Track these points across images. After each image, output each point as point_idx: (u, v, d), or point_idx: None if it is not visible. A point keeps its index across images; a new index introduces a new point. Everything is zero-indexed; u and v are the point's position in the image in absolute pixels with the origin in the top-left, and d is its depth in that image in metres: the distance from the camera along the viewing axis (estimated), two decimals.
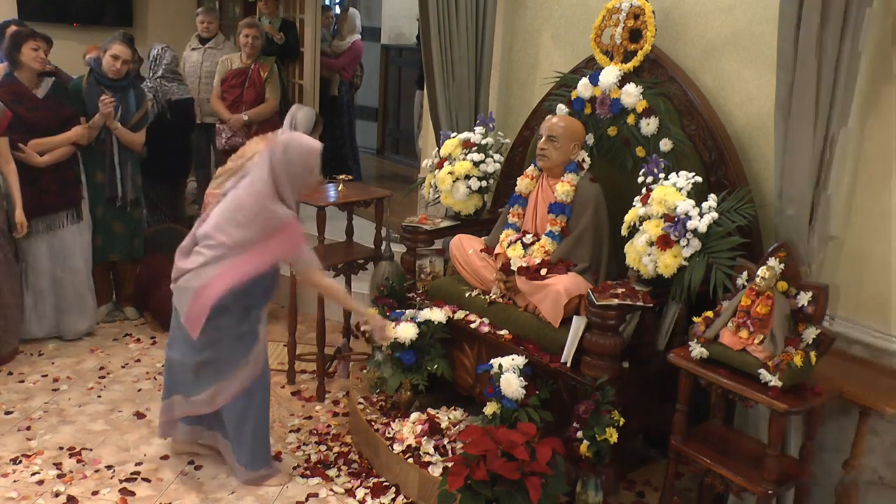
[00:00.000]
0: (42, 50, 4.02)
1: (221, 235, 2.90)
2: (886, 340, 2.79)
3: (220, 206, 2.98)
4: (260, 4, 5.83)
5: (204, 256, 2.90)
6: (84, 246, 4.32)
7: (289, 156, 2.90)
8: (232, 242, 2.88)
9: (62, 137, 4.11)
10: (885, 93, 2.74)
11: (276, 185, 2.89)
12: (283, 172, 2.89)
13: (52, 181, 4.05)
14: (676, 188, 2.89)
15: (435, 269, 4.22)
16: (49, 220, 4.13)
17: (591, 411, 2.75)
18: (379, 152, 8.79)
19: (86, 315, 4.37)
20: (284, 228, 2.90)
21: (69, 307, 4.29)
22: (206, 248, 2.91)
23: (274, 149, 2.92)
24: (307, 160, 2.95)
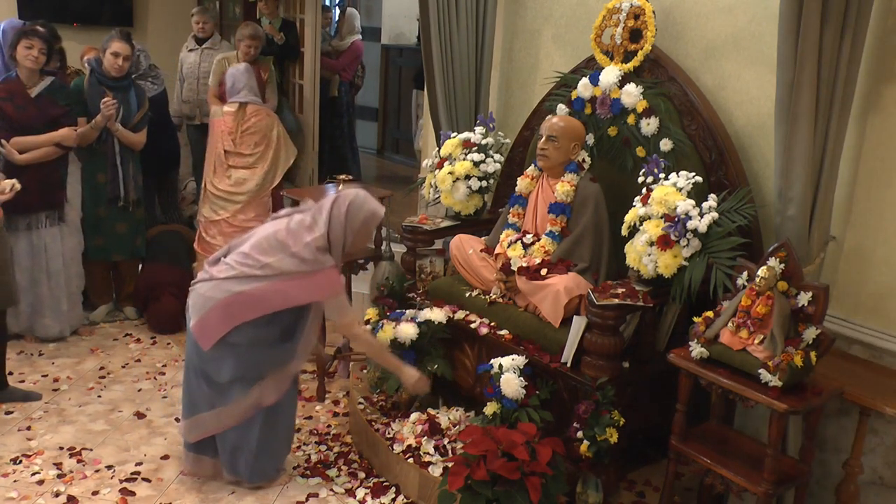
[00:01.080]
0: (35, 49, 3.99)
1: (259, 255, 2.88)
2: (886, 340, 2.79)
3: (267, 229, 2.95)
4: (260, 4, 5.82)
5: (233, 270, 2.89)
6: (67, 249, 4.26)
7: (351, 214, 2.89)
8: (266, 266, 2.86)
9: (45, 137, 4.04)
10: (885, 93, 2.74)
11: (330, 236, 2.87)
12: (339, 228, 2.88)
13: (33, 180, 3.99)
14: (676, 188, 2.89)
15: (435, 269, 4.22)
16: (28, 219, 4.10)
17: (591, 411, 2.75)
18: (379, 152, 8.80)
19: (58, 319, 4.31)
20: (324, 273, 2.87)
21: (43, 309, 4.24)
22: (238, 263, 2.90)
23: (339, 202, 2.89)
24: (367, 224, 2.95)
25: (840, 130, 2.63)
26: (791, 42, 2.54)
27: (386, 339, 3.30)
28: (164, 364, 4.17)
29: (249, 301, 2.86)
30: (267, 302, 2.87)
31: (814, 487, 2.96)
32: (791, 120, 2.59)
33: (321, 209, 2.91)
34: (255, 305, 2.87)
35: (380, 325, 3.39)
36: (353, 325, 2.99)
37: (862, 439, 2.65)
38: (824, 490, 2.96)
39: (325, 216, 2.87)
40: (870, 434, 2.79)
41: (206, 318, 2.90)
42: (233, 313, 2.88)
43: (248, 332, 2.91)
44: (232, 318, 2.88)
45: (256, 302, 2.86)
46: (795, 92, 2.56)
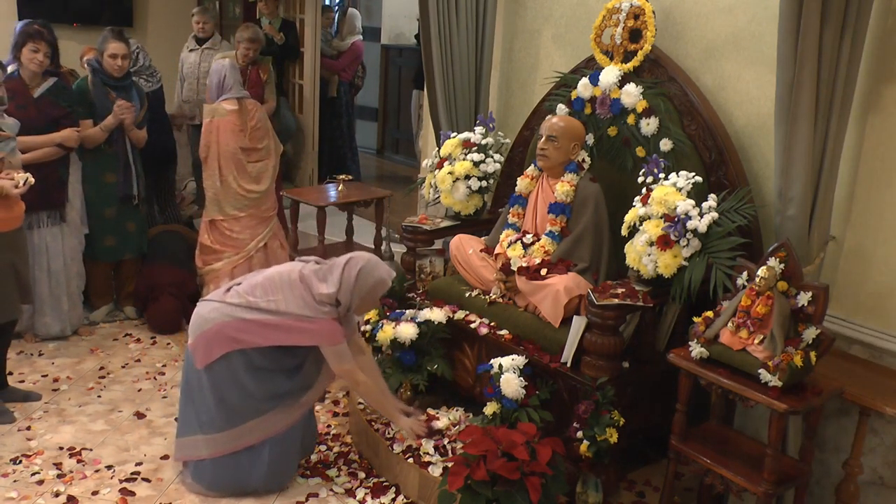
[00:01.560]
0: (41, 52, 4.00)
1: (268, 290, 2.94)
2: (886, 340, 2.79)
3: (283, 269, 3.03)
4: (260, 4, 5.82)
5: (240, 298, 2.95)
6: (67, 249, 4.26)
7: (361, 280, 2.93)
8: (271, 301, 2.91)
9: (47, 138, 4.04)
10: (885, 93, 2.74)
11: (338, 296, 2.92)
12: (348, 290, 2.92)
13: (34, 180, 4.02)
14: (676, 188, 2.89)
15: (435, 269, 4.22)
16: (29, 219, 4.10)
17: (591, 411, 2.75)
18: (379, 152, 8.80)
19: (59, 318, 4.31)
20: (325, 322, 2.92)
21: (43, 308, 4.24)
22: (246, 293, 2.95)
23: (350, 265, 2.94)
24: (375, 291, 2.99)
25: (840, 130, 2.63)
26: (791, 42, 2.54)
27: (386, 339, 3.31)
28: (164, 364, 4.17)
29: (249, 329, 2.90)
30: (266, 333, 2.91)
31: (814, 487, 2.96)
32: (791, 120, 2.59)
33: (333, 268, 2.96)
34: (254, 333, 2.91)
35: (380, 325, 3.39)
36: (353, 373, 2.99)
37: (862, 439, 2.65)
38: (824, 490, 2.96)
39: (337, 276, 2.92)
40: (870, 434, 2.79)
41: (202, 336, 2.95)
42: (230, 336, 2.91)
43: (248, 360, 2.94)
44: (229, 342, 2.92)
45: (256, 330, 2.91)
46: (795, 92, 2.56)
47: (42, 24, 4.21)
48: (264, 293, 2.93)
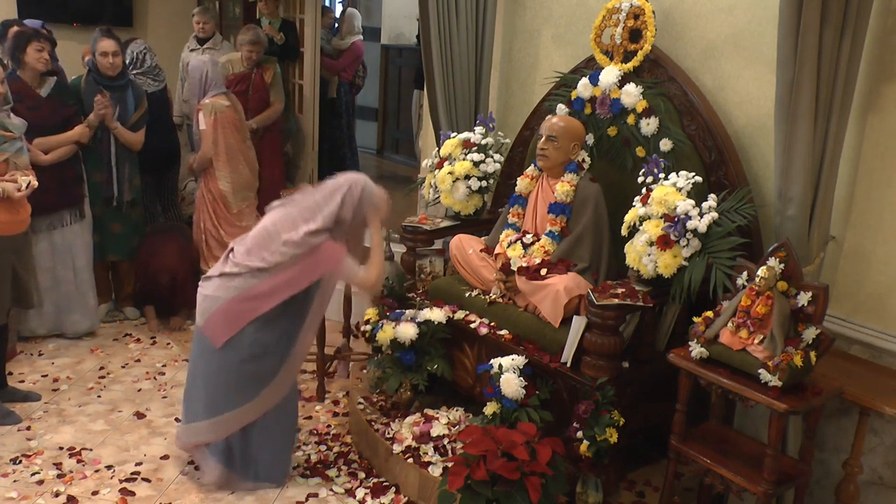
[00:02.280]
0: (46, 51, 4.02)
1: (261, 249, 2.93)
2: (886, 340, 2.79)
3: (265, 222, 3.01)
4: (260, 4, 5.82)
5: (237, 267, 2.95)
6: (86, 244, 4.32)
7: (366, 196, 2.99)
8: (265, 259, 2.91)
9: (64, 136, 4.12)
10: (885, 92, 2.74)
11: (340, 214, 2.94)
12: (351, 206, 2.96)
13: (52, 180, 4.04)
14: (676, 188, 2.89)
15: (435, 269, 4.22)
16: (51, 219, 4.13)
17: (591, 411, 2.75)
18: (379, 152, 8.79)
19: (88, 314, 4.37)
20: (322, 247, 2.93)
21: (71, 306, 4.29)
22: (242, 260, 2.95)
23: (353, 189, 2.98)
24: (375, 201, 3.03)
25: (840, 130, 2.63)
26: (791, 41, 2.54)
27: (386, 338, 3.30)
28: (164, 364, 4.17)
29: (259, 295, 2.91)
30: (276, 293, 2.92)
31: (814, 487, 2.96)
32: (791, 120, 2.59)
33: (324, 202, 2.95)
34: (265, 298, 2.91)
35: (380, 325, 3.39)
36: (368, 280, 3.02)
37: (862, 439, 2.65)
38: (824, 490, 2.96)
39: (337, 202, 2.94)
40: (870, 434, 2.79)
41: (214, 316, 2.94)
42: (244, 309, 2.92)
43: (258, 328, 2.94)
44: (244, 314, 2.92)
45: (266, 294, 2.91)
46: (795, 92, 2.56)
47: (38, 23, 4.24)
48: (259, 252, 2.92)
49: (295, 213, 2.96)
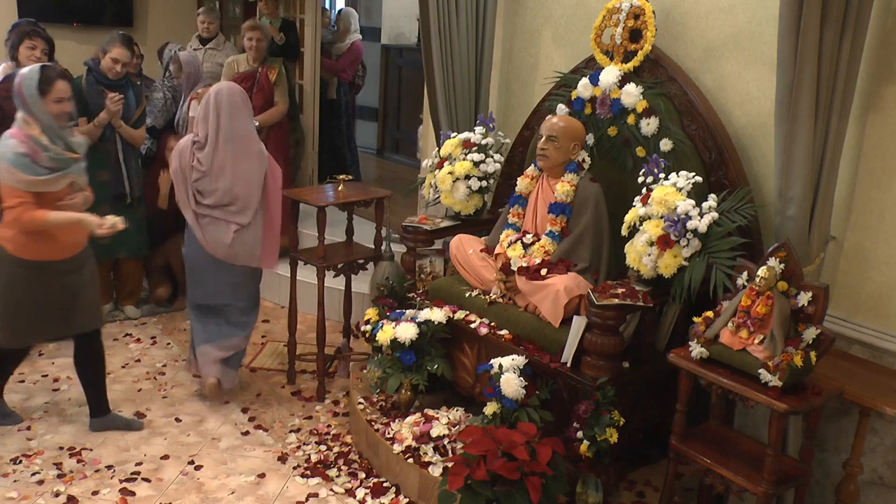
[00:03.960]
0: (38, 49, 4.01)
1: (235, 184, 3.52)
2: (886, 340, 2.79)
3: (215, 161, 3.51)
4: (260, 5, 5.82)
5: (237, 207, 3.53)
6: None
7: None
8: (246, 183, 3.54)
9: None
10: (885, 93, 2.74)
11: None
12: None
13: None
14: (676, 188, 2.89)
15: (435, 269, 4.22)
16: None
17: (591, 411, 2.75)
18: (379, 152, 8.79)
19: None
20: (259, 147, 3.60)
21: None
22: (231, 199, 3.51)
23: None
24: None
25: (840, 130, 2.63)
26: (791, 42, 2.54)
27: (386, 339, 3.30)
28: (164, 364, 4.17)
29: (275, 211, 3.63)
30: (277, 196, 3.65)
31: (814, 487, 2.96)
32: (791, 120, 2.59)
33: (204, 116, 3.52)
34: (277, 205, 3.64)
35: (380, 325, 3.39)
36: None
37: (862, 439, 2.65)
38: (824, 490, 2.96)
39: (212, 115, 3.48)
40: (870, 434, 2.79)
41: (265, 246, 3.64)
42: (275, 231, 3.66)
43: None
44: (277, 230, 3.69)
45: (277, 200, 3.64)
46: (795, 92, 2.56)
47: (34, 22, 4.23)
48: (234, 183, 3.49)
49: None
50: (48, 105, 3.03)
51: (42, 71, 3.05)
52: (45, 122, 3.03)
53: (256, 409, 3.76)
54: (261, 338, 4.56)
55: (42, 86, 3.01)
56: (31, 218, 3.01)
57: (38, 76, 3.02)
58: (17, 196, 2.98)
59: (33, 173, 2.98)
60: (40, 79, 3.02)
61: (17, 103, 3.04)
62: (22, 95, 3.02)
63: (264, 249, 3.64)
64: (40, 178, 3.00)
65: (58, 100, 3.05)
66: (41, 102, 3.02)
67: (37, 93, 3.01)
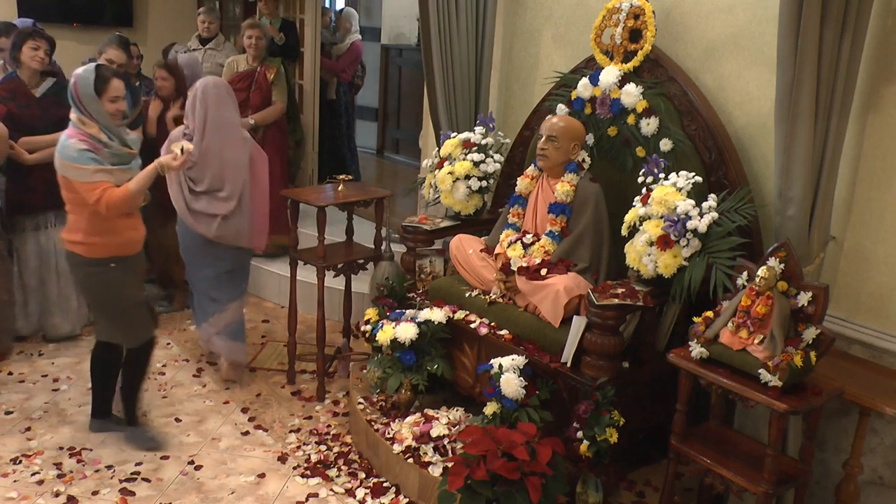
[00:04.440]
0: (42, 49, 4.01)
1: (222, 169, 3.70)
2: (886, 340, 2.79)
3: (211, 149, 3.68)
4: (260, 5, 5.82)
5: (226, 191, 3.69)
6: None
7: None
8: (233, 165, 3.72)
9: (51, 137, 4.05)
10: (885, 93, 2.74)
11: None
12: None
13: (39, 180, 4.01)
14: (676, 188, 2.89)
15: (435, 269, 4.22)
16: (37, 219, 4.12)
17: (591, 411, 2.75)
18: (379, 152, 8.79)
19: (69, 318, 4.33)
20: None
21: (52, 308, 4.27)
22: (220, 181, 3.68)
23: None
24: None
25: (840, 130, 2.63)
26: (791, 42, 2.54)
27: (386, 339, 3.30)
28: (164, 364, 4.17)
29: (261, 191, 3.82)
30: (264, 175, 3.86)
31: (814, 487, 2.96)
32: (791, 120, 2.59)
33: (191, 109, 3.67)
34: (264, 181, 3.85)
35: (380, 325, 3.39)
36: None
37: (862, 439, 2.65)
38: (824, 490, 2.96)
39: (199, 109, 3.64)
40: (870, 434, 2.79)
41: (255, 226, 3.79)
42: (263, 209, 3.84)
43: None
44: (265, 212, 3.85)
45: (263, 188, 3.84)
46: (795, 92, 2.56)
47: (9, 23, 4.23)
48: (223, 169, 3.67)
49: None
50: (104, 104, 3.03)
51: (97, 70, 3.04)
52: (102, 121, 3.04)
53: (256, 409, 3.76)
54: (261, 338, 4.56)
55: (98, 85, 3.01)
56: (120, 196, 3.03)
57: (94, 76, 3.01)
58: (95, 187, 3.00)
59: (99, 164, 3.01)
60: (96, 78, 3.01)
61: (72, 103, 3.03)
62: (78, 95, 3.01)
63: (253, 229, 3.79)
64: (111, 167, 3.03)
65: (113, 98, 3.05)
66: (98, 102, 3.02)
67: (93, 92, 3.00)
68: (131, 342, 3.31)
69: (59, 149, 3.03)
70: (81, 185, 3.01)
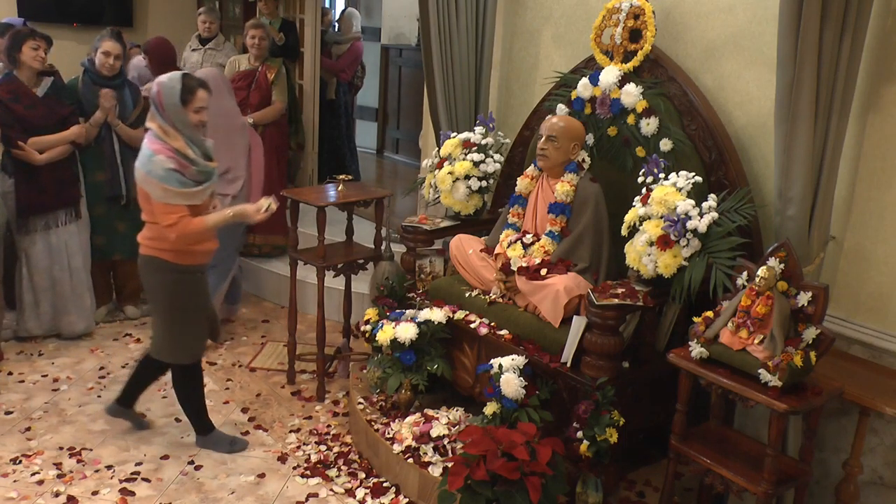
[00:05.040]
0: (42, 49, 4.01)
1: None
2: (886, 340, 2.79)
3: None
4: (260, 5, 5.82)
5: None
6: (83, 245, 4.32)
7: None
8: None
9: (60, 136, 4.10)
10: (885, 93, 2.74)
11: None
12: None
13: (50, 180, 4.05)
14: (676, 188, 2.89)
15: (435, 269, 4.22)
16: (47, 219, 4.13)
17: (591, 411, 2.75)
18: (379, 152, 8.80)
19: (84, 315, 4.36)
20: None
21: (67, 307, 4.28)
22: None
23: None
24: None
25: (840, 130, 2.63)
26: (791, 41, 2.54)
27: (386, 339, 3.30)
28: None
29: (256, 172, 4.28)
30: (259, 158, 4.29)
31: (814, 487, 2.96)
32: (791, 120, 2.59)
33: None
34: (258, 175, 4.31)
35: (380, 325, 3.39)
36: None
37: (862, 439, 2.65)
38: (824, 490, 2.96)
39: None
40: (870, 434, 2.79)
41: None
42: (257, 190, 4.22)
43: None
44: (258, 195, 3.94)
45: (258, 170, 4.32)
46: (795, 92, 2.56)
47: (24, 23, 4.24)
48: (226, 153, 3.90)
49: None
50: (189, 114, 2.98)
51: (183, 80, 2.99)
52: (186, 133, 2.99)
53: (256, 409, 3.76)
54: (261, 338, 4.57)
55: (185, 95, 2.96)
56: (194, 229, 2.99)
57: (180, 85, 2.96)
58: (173, 212, 2.94)
59: (184, 187, 2.95)
60: (182, 88, 2.96)
61: (155, 112, 2.98)
62: (162, 105, 2.96)
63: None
64: (192, 190, 2.97)
65: (198, 109, 3.00)
66: (183, 112, 2.97)
67: (179, 102, 2.95)
68: (186, 357, 3.25)
69: (143, 162, 2.95)
70: (160, 206, 2.95)
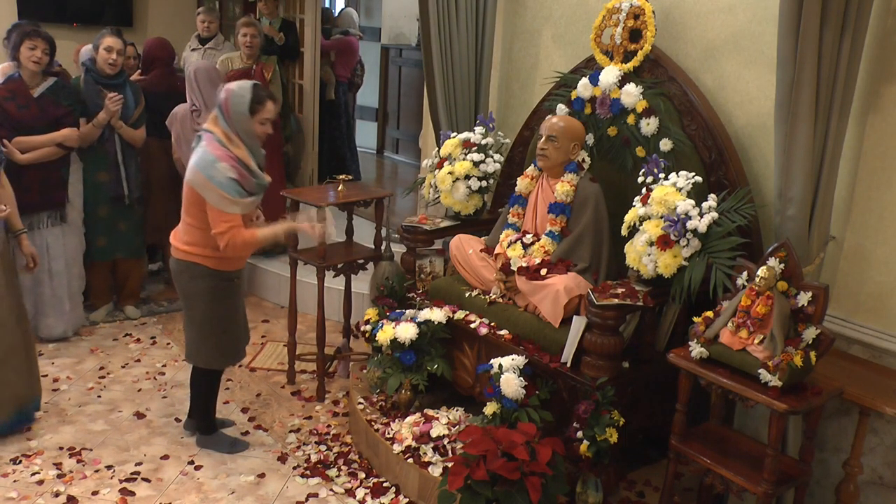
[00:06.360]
0: (39, 49, 3.99)
1: None
2: (886, 340, 2.79)
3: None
4: (260, 4, 5.82)
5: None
6: (67, 250, 4.27)
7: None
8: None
9: (47, 137, 4.04)
10: (885, 93, 2.74)
11: None
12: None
13: (34, 180, 4.01)
14: (676, 188, 2.89)
15: (435, 269, 4.22)
16: (30, 220, 4.10)
17: (591, 411, 2.75)
18: (379, 152, 8.80)
19: (61, 319, 4.31)
20: None
21: (45, 309, 4.25)
22: None
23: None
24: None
25: (840, 130, 2.63)
26: (791, 41, 2.54)
27: (386, 339, 3.31)
28: (164, 364, 4.17)
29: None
30: None
31: (814, 487, 2.96)
32: (791, 120, 2.59)
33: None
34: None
35: (380, 325, 3.39)
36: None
37: (862, 439, 2.65)
38: (824, 490, 2.96)
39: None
40: (870, 434, 2.79)
41: None
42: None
43: None
44: None
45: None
46: (795, 92, 2.56)
47: (34, 23, 4.22)
48: None
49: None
50: (255, 125, 2.99)
51: (254, 90, 2.98)
52: (248, 142, 2.99)
53: (256, 409, 3.77)
54: (261, 338, 4.57)
55: (254, 105, 2.95)
56: (244, 240, 2.99)
57: (251, 95, 2.95)
58: (226, 220, 2.94)
59: (240, 197, 2.95)
60: (252, 98, 2.95)
61: (220, 117, 2.98)
62: (229, 112, 2.95)
63: None
64: (246, 200, 2.98)
65: (264, 121, 3.01)
66: (250, 121, 2.97)
67: (247, 111, 2.95)
68: (221, 363, 3.28)
69: (202, 165, 2.92)
70: (214, 212, 2.93)
